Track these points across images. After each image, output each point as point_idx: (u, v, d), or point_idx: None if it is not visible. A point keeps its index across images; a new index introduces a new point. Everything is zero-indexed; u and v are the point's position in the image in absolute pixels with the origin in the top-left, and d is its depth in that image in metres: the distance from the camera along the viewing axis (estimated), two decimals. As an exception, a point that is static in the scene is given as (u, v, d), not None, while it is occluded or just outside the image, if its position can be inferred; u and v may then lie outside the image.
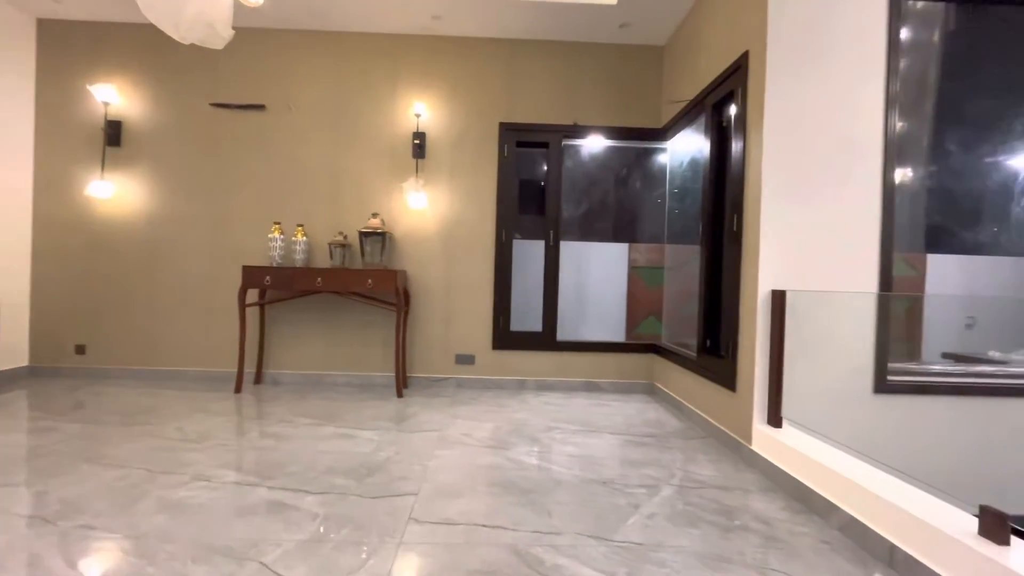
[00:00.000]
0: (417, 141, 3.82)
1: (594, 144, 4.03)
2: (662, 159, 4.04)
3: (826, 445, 2.18)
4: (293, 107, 3.83)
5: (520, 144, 3.96)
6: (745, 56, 2.61)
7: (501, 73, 3.93)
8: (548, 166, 3.95)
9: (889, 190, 2.46)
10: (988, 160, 2.75)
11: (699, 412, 3.08)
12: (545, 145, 3.95)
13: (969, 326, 2.80)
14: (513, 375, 3.95)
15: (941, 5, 2.66)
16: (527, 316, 4.00)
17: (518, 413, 3.24)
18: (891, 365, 2.48)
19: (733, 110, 2.89)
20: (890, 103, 2.45)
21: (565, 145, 3.98)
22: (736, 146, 2.69)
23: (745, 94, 2.61)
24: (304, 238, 3.70)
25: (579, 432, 2.89)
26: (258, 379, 3.83)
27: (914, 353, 2.69)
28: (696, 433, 2.93)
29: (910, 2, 2.60)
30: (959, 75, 2.73)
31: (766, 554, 1.63)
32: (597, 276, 4.03)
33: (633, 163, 4.11)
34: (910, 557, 1.52)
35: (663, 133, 3.93)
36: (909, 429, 2.46)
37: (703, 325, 3.10)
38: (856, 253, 2.47)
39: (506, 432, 2.83)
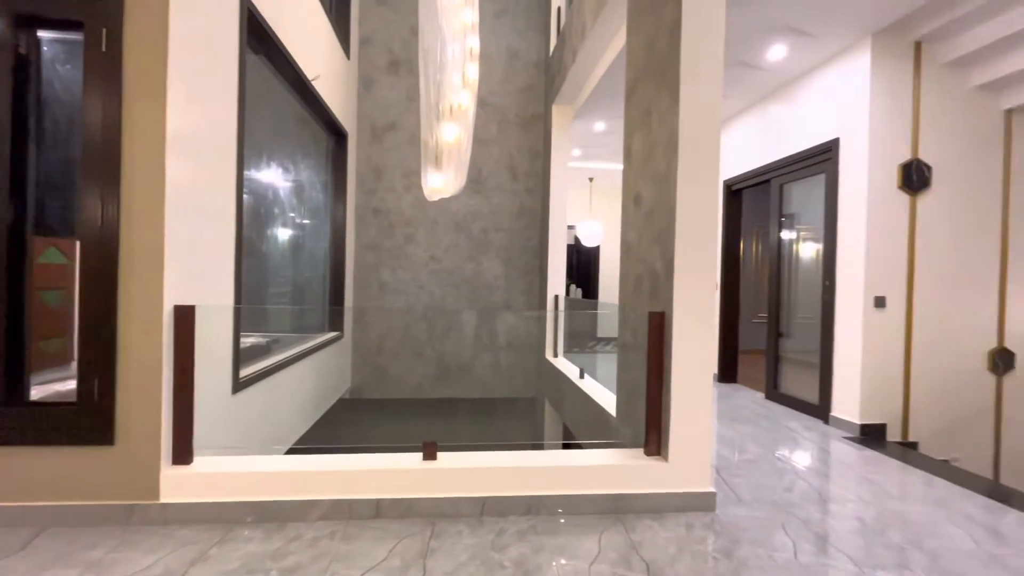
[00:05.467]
0: None
1: None
2: None
3: (250, 457, 2.21)
4: None
5: None
6: (117, -9, 1.92)
7: None
8: None
9: (243, 203, 2.64)
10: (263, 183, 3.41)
11: (-10, 504, 1.91)
12: None
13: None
14: None
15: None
16: None
17: None
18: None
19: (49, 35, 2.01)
20: (241, 124, 2.61)
21: None
22: (95, 98, 1.92)
23: (119, 32, 1.93)
24: None
25: None
26: None
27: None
28: (23, 536, 1.85)
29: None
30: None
31: None
32: None
33: None
34: (388, 499, 2.09)
35: None
36: (259, 412, 2.81)
37: (3, 364, 1.92)
38: (222, 262, 2.49)
39: None
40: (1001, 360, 3.62)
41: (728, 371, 5.22)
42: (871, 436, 3.47)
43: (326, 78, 4.21)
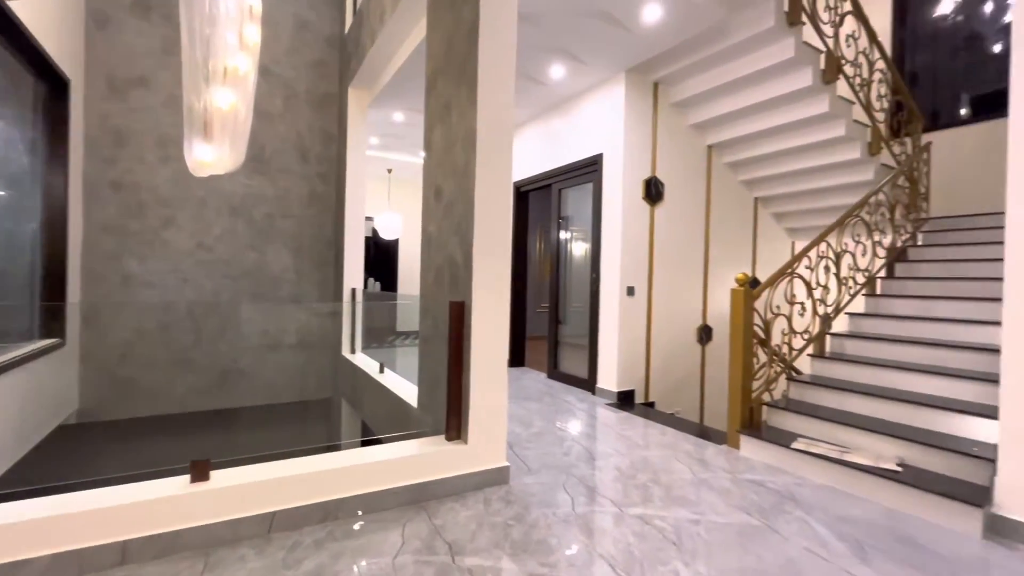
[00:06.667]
0: None
1: None
2: None
3: None
4: None
5: None
6: None
7: None
8: None
9: None
10: None
11: None
12: None
13: None
14: None
15: None
16: None
17: None
18: None
19: None
20: None
21: None
22: None
23: None
24: None
25: None
26: None
27: None
28: None
29: None
30: None
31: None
32: None
33: None
34: (140, 538, 1.71)
35: None
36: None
37: None
38: None
39: None
40: (704, 334, 4.82)
41: (517, 356, 5.74)
42: (625, 400, 4.24)
43: (34, 0, 3.17)
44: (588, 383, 4.57)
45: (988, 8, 4.77)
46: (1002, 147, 2.21)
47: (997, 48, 4.70)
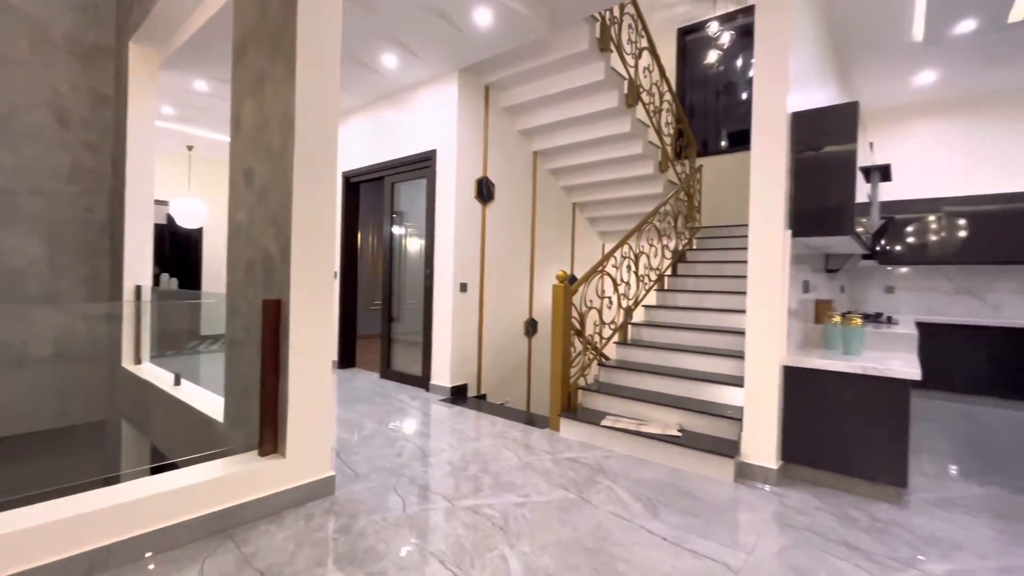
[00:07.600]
0: None
1: None
2: None
3: None
4: None
5: None
6: None
7: None
8: None
9: None
10: None
11: None
12: None
13: None
14: None
15: None
16: None
17: None
18: None
19: None
20: None
21: None
22: None
23: None
24: None
25: None
26: None
27: None
28: None
29: None
30: None
31: None
32: None
33: None
34: None
35: None
36: None
37: None
38: None
39: None
40: (531, 327, 5.18)
41: (347, 357, 5.42)
42: (458, 395, 4.32)
43: None
44: (422, 380, 4.54)
45: (739, 63, 6.03)
46: (747, 174, 2.82)
47: (745, 96, 5.98)
